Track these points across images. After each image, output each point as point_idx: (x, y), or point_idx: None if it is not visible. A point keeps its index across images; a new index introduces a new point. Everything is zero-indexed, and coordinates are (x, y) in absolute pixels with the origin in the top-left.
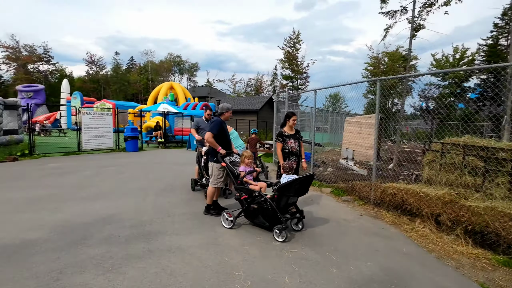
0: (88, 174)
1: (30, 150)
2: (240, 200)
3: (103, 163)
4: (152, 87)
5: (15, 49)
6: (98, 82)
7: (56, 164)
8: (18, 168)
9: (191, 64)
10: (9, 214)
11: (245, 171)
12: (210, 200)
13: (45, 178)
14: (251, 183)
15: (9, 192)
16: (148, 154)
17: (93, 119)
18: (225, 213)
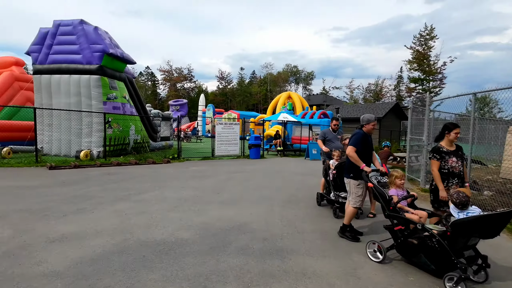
0: (221, 179)
1: (178, 154)
2: (393, 230)
3: (232, 169)
4: (270, 97)
5: (169, 72)
6: (226, 95)
7: (197, 168)
8: (170, 170)
9: (307, 73)
10: (166, 211)
11: (397, 195)
12: (348, 221)
13: (190, 180)
14: (407, 210)
15: (166, 191)
16: (269, 162)
17: (224, 128)
18: (372, 244)
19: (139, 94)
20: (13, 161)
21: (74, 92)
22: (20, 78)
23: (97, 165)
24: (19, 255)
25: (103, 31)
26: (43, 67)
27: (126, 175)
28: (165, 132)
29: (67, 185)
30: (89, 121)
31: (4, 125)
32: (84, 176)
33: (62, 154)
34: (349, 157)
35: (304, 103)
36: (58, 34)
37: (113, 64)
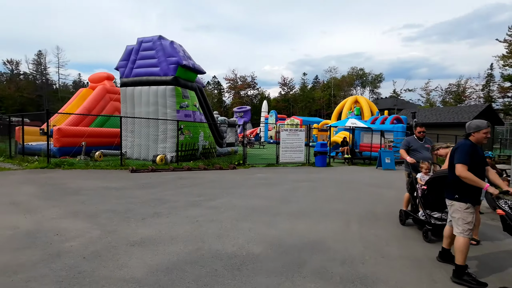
0: (288, 187)
1: (244, 160)
2: None
3: (298, 177)
4: (334, 102)
5: (234, 80)
6: (288, 101)
7: (262, 175)
8: (236, 176)
9: (374, 75)
10: (235, 221)
11: None
12: (463, 259)
13: (256, 187)
14: None
15: (234, 199)
16: (336, 171)
17: (289, 135)
18: None
19: (207, 102)
20: (103, 163)
21: (152, 101)
22: (110, 91)
23: (170, 169)
24: (104, 257)
25: (178, 44)
26: (128, 80)
27: (197, 180)
28: (230, 138)
29: (146, 188)
30: (164, 128)
31: (97, 132)
32: (160, 179)
33: (141, 158)
34: (463, 178)
35: (373, 108)
36: (141, 50)
37: (186, 75)
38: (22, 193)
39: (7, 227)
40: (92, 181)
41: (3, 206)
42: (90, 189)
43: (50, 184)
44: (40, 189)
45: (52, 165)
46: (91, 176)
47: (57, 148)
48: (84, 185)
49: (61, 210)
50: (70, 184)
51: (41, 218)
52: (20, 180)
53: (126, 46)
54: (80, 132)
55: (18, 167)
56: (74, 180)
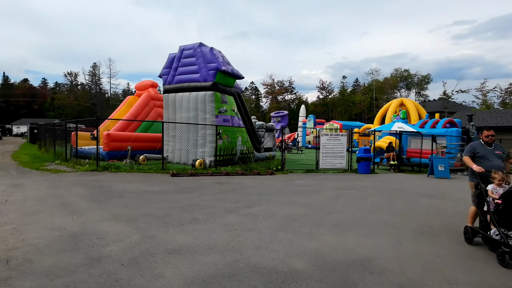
0: (329, 195)
1: (282, 166)
2: None
3: (340, 184)
4: (376, 105)
5: (271, 85)
6: (326, 105)
7: (302, 181)
8: (275, 182)
9: (421, 76)
10: (275, 231)
11: None
12: None
13: (296, 195)
14: None
15: (273, 206)
16: (382, 178)
17: (330, 139)
18: None
19: (246, 107)
20: (146, 167)
21: (192, 107)
22: (154, 98)
23: (209, 174)
24: (142, 264)
25: (217, 50)
26: (170, 86)
27: (234, 185)
28: (268, 143)
29: (184, 192)
30: (204, 133)
31: (141, 136)
32: (199, 184)
33: (181, 162)
34: None
35: (421, 111)
36: (182, 57)
37: (224, 80)
38: (72, 194)
39: (56, 228)
40: (135, 184)
41: (55, 207)
42: (133, 192)
43: (98, 186)
44: (88, 191)
45: (100, 168)
46: (135, 179)
47: (106, 152)
48: (128, 188)
49: (105, 212)
50: (115, 187)
51: (86, 220)
52: (72, 182)
53: (169, 54)
54: (127, 137)
55: (72, 169)
56: (119, 183)
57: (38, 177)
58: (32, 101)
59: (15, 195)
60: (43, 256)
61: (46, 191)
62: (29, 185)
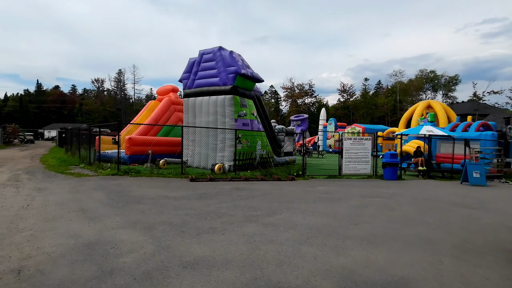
0: (355, 204)
1: (303, 171)
2: None
3: (365, 192)
4: (400, 108)
5: (291, 88)
6: (347, 108)
7: (324, 188)
8: (295, 189)
9: (448, 78)
10: (297, 244)
11: None
12: None
13: (318, 202)
14: None
15: (294, 215)
16: (410, 185)
17: (354, 144)
18: None
19: (265, 111)
20: (166, 171)
21: (212, 111)
22: (175, 102)
23: (228, 179)
24: (155, 280)
25: (237, 54)
26: (190, 91)
27: (254, 191)
28: (288, 147)
29: (203, 198)
30: (223, 137)
31: (162, 141)
32: (217, 190)
33: (201, 166)
34: None
35: (450, 113)
36: (202, 61)
37: (244, 84)
38: (92, 199)
39: (72, 235)
40: (154, 189)
41: (73, 213)
42: (151, 198)
43: (117, 191)
44: (108, 196)
45: (121, 173)
46: (154, 184)
47: (128, 156)
48: (146, 193)
49: (122, 219)
50: (134, 192)
51: (103, 227)
52: (93, 186)
53: (189, 59)
54: (148, 141)
55: (94, 173)
56: (138, 188)
57: (61, 181)
58: (63, 106)
59: (37, 199)
60: (56, 267)
61: (67, 196)
62: (52, 189)
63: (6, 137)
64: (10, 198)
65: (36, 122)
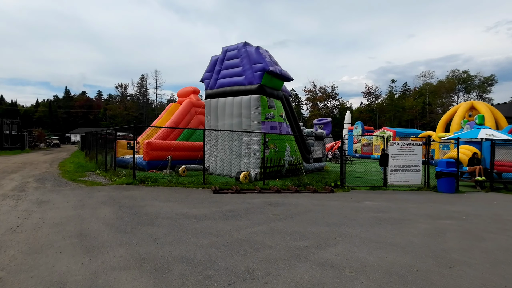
0: (426, 229)
1: (342, 181)
2: None
3: (427, 209)
4: (430, 111)
5: (313, 91)
6: (373, 111)
7: (373, 204)
8: (339, 204)
9: (483, 78)
10: None
11: None
12: None
13: (377, 226)
14: None
15: (355, 247)
16: (476, 201)
17: (401, 150)
18: None
19: (294, 112)
20: (186, 180)
21: (236, 113)
22: (196, 104)
23: (256, 191)
24: None
25: (264, 50)
26: (212, 91)
27: (290, 207)
28: (317, 153)
29: (230, 218)
30: (248, 141)
31: (182, 145)
32: (246, 205)
33: (224, 173)
34: None
35: (498, 116)
36: (225, 59)
37: (272, 82)
38: (97, 217)
39: (54, 281)
40: (172, 203)
41: (68, 240)
42: (168, 217)
43: (128, 206)
44: (116, 213)
45: (136, 181)
46: (172, 197)
47: (146, 162)
48: (163, 210)
49: (127, 252)
50: (148, 208)
51: (100, 266)
52: (102, 199)
53: (211, 57)
54: (167, 145)
55: (108, 181)
56: (154, 201)
57: (70, 192)
58: (89, 111)
59: (33, 216)
60: None
61: (70, 212)
62: (56, 202)
63: (32, 141)
64: (2, 214)
65: (64, 127)
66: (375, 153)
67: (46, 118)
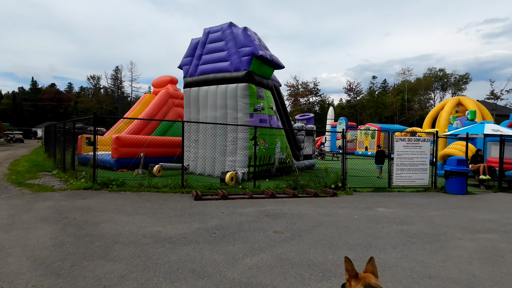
0: (474, 249)
1: (343, 182)
2: None
3: (454, 218)
4: (408, 107)
5: (295, 87)
6: (354, 108)
7: (387, 211)
8: (347, 211)
9: (458, 76)
10: None
11: None
12: None
13: (411, 247)
14: None
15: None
16: (494, 203)
17: (407, 146)
18: None
19: (284, 104)
20: (161, 183)
21: (220, 104)
22: (173, 95)
23: (247, 196)
24: None
25: (252, 32)
26: (192, 79)
27: (293, 220)
28: (307, 149)
29: (219, 240)
30: (234, 136)
31: (157, 141)
32: (238, 218)
33: (206, 173)
34: None
35: (484, 112)
36: (208, 42)
37: (261, 69)
38: (23, 246)
39: None
40: (140, 218)
41: None
42: (131, 243)
43: (78, 224)
44: (56, 237)
45: (98, 186)
46: (141, 207)
47: (115, 160)
48: (126, 229)
49: None
50: (105, 226)
51: None
52: (45, 213)
53: (191, 39)
54: (140, 141)
55: (62, 185)
56: (116, 215)
57: (3, 201)
58: (58, 105)
59: None
60: None
61: None
62: None
63: None
64: None
65: (30, 121)
66: (359, 149)
67: (10, 112)
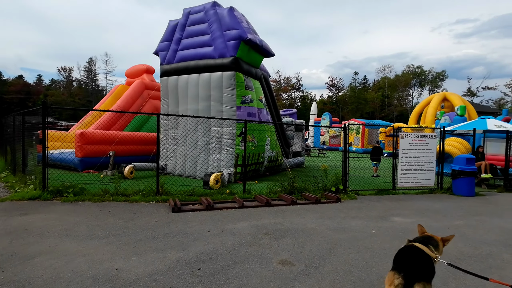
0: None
1: (344, 185)
2: None
3: (483, 228)
4: (388, 103)
5: (278, 81)
6: (336, 103)
7: (405, 220)
8: (364, 224)
9: (435, 73)
10: None
11: None
12: None
13: (462, 280)
14: None
15: None
16: (508, 206)
17: (413, 144)
18: None
19: (274, 97)
20: (131, 188)
21: (203, 95)
22: (150, 86)
23: (237, 205)
24: None
25: (240, 13)
26: (170, 67)
27: (303, 241)
28: (296, 146)
29: (205, 281)
30: (219, 132)
31: (130, 137)
32: (230, 240)
33: (186, 174)
34: None
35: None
36: (188, 24)
37: (249, 57)
38: None
39: None
40: (94, 245)
41: None
42: None
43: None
44: None
45: (48, 194)
46: (100, 227)
47: (79, 159)
48: (67, 269)
49: None
50: (37, 265)
51: None
52: None
53: (169, 21)
54: (109, 137)
55: (5, 193)
56: (60, 241)
57: None
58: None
59: None
60: None
61: None
62: None
63: None
64: None
65: None
66: None
67: None
